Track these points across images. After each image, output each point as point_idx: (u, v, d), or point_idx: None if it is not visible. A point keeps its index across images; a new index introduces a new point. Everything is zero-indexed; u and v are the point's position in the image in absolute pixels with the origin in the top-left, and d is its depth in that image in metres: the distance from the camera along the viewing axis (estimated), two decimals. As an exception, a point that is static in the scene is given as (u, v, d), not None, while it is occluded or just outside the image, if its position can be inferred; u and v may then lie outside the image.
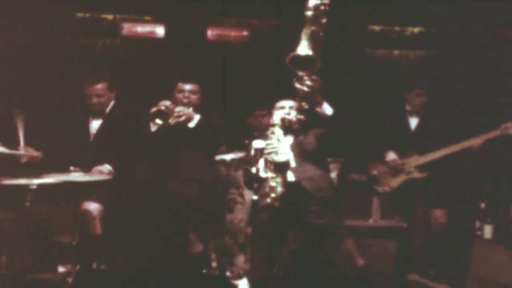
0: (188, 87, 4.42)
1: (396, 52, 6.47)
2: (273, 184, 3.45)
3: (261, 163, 3.64)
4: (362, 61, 6.39)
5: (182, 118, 4.18)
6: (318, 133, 3.80)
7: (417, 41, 6.43)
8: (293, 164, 3.61)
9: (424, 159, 4.76)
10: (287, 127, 3.70)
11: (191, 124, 4.24)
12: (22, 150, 4.26)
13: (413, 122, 4.92)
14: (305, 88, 3.32)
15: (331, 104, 3.56)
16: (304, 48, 3.16)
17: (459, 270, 4.40)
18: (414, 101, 4.89)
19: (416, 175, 4.79)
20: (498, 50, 6.22)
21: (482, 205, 4.24)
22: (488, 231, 4.14)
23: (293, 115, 3.67)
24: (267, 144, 3.58)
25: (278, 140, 3.60)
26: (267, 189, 3.51)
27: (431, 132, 4.80)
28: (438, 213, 4.69)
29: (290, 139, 3.80)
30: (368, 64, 6.38)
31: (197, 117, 4.25)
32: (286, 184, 3.45)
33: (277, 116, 3.73)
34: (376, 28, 6.41)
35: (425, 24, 6.34)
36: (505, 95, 5.63)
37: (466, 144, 4.62)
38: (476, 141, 4.60)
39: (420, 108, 4.89)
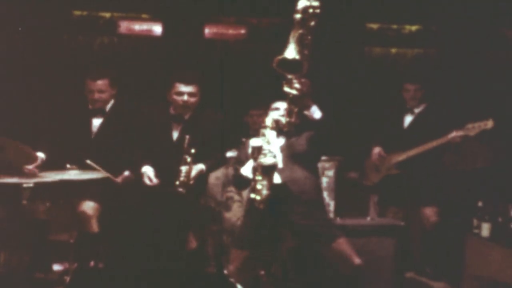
0: (187, 89, 4.13)
1: (393, 50, 6.48)
2: (259, 186, 3.39)
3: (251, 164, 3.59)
4: (360, 59, 6.39)
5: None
6: (309, 136, 3.76)
7: (415, 39, 6.43)
8: (280, 165, 3.54)
9: (402, 156, 4.76)
10: (280, 129, 3.64)
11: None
12: None
13: (408, 119, 4.91)
14: (294, 91, 3.27)
15: (327, 104, 3.54)
16: (291, 52, 3.13)
17: (457, 268, 4.40)
18: (405, 98, 4.89)
19: (393, 172, 4.80)
20: (496, 48, 6.22)
21: (480, 203, 4.23)
22: (485, 229, 4.14)
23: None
24: None
25: (268, 142, 3.53)
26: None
27: (424, 130, 4.77)
28: (428, 211, 4.68)
29: (281, 141, 3.74)
30: (366, 62, 6.38)
31: (201, 167, 4.12)
32: (271, 186, 3.39)
33: (269, 118, 3.68)
34: (374, 26, 6.41)
35: (423, 22, 6.35)
36: (502, 93, 5.63)
37: (433, 144, 4.61)
38: (441, 141, 4.60)
39: (412, 104, 4.87)
